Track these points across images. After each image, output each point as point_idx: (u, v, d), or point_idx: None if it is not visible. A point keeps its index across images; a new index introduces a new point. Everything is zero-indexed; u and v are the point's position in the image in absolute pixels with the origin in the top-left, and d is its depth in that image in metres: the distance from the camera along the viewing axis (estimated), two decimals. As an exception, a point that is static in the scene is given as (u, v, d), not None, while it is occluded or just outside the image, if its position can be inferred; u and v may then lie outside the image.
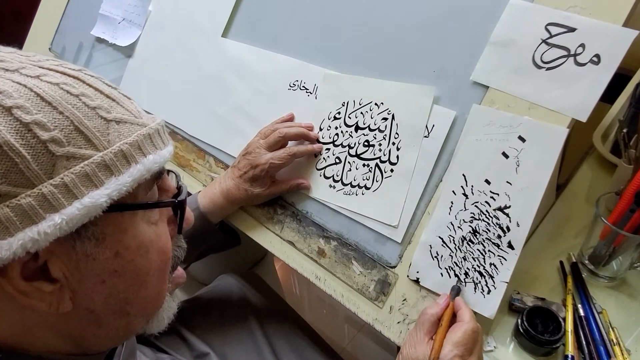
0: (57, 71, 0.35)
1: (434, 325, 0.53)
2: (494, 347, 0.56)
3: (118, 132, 0.35)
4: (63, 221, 0.31)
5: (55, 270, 0.33)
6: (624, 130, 0.63)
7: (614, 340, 0.55)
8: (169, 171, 0.46)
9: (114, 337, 0.41)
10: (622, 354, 0.53)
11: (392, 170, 0.64)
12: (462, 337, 0.50)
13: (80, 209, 0.32)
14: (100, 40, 1.00)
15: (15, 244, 0.30)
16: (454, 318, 0.54)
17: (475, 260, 0.57)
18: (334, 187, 0.68)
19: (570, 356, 0.54)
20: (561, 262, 0.65)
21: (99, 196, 0.33)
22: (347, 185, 0.68)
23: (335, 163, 0.69)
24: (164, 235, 0.41)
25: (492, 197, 0.57)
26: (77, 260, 0.34)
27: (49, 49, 1.10)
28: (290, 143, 0.71)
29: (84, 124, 0.33)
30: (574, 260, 0.64)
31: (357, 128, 0.68)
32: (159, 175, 0.40)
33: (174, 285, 0.47)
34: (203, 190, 0.74)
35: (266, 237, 0.73)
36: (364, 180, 0.66)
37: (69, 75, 0.35)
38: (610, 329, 0.56)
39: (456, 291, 0.56)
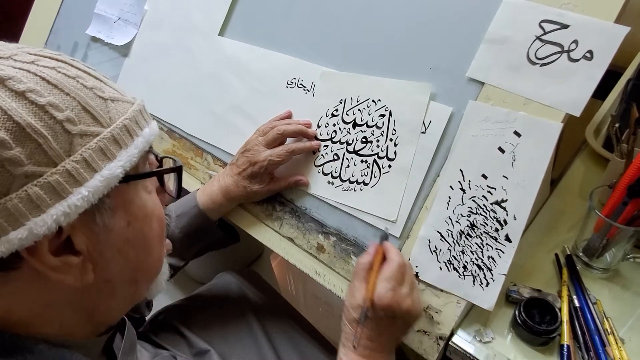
0: (44, 56, 0.37)
1: (368, 272, 0.56)
2: (492, 338, 0.58)
3: (116, 110, 0.38)
4: (90, 193, 0.34)
5: (80, 243, 0.36)
6: (616, 125, 0.64)
7: (608, 330, 0.56)
8: None
9: (122, 307, 0.44)
10: (617, 343, 0.55)
11: (389, 166, 0.65)
12: (391, 272, 0.54)
13: (102, 181, 0.35)
14: (95, 39, 1.00)
15: (49, 220, 0.32)
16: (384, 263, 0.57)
17: (473, 254, 0.58)
18: (333, 184, 0.69)
19: (566, 345, 0.55)
20: (556, 255, 0.66)
21: (115, 168, 0.36)
22: (345, 181, 0.68)
23: (334, 159, 0.70)
24: (158, 204, 0.44)
25: (489, 192, 0.58)
26: (98, 233, 0.37)
27: (44, 48, 1.09)
28: (288, 140, 0.72)
29: (88, 103, 0.36)
30: (569, 253, 0.66)
31: (355, 125, 0.68)
32: (150, 149, 0.43)
33: (165, 251, 0.50)
34: (202, 187, 0.74)
35: (265, 234, 0.73)
36: (362, 176, 0.67)
37: (56, 60, 0.37)
38: (605, 319, 0.57)
39: (383, 238, 0.60)
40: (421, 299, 0.56)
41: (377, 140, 0.66)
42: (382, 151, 0.66)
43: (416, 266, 0.61)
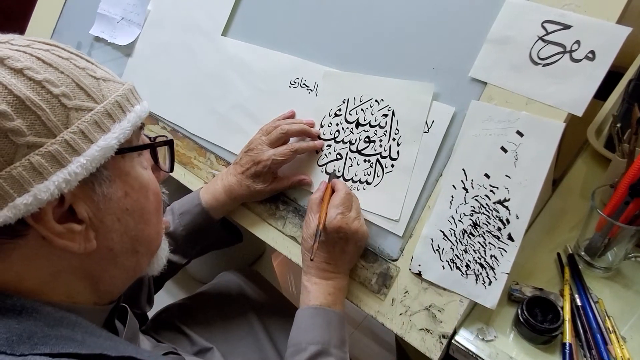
0: (38, 41, 0.40)
1: (319, 206, 0.63)
2: (495, 336, 0.58)
3: (107, 88, 0.41)
4: (88, 162, 0.37)
5: (82, 211, 0.39)
6: (618, 125, 0.65)
7: (610, 329, 0.56)
8: None
9: (125, 277, 0.46)
10: (618, 342, 0.55)
11: (392, 166, 0.65)
12: (340, 200, 0.62)
13: (98, 151, 0.38)
14: (98, 39, 1.01)
15: (52, 186, 0.35)
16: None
17: (476, 253, 0.58)
18: (336, 183, 0.69)
19: (568, 344, 0.55)
20: (558, 254, 0.66)
21: (110, 139, 0.39)
22: (348, 180, 0.69)
23: (337, 159, 0.70)
24: (154, 179, 0.47)
25: (491, 191, 0.58)
26: (98, 201, 0.40)
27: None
28: (291, 140, 0.72)
29: (81, 81, 0.39)
30: (571, 252, 0.66)
31: (358, 124, 0.69)
32: (142, 125, 0.46)
33: (164, 228, 0.53)
34: (205, 186, 0.75)
35: (268, 233, 0.74)
36: (365, 175, 0.68)
37: (49, 44, 0.40)
38: (607, 318, 0.58)
39: (332, 177, 0.68)
40: (365, 225, 0.64)
41: (380, 140, 0.67)
42: (385, 151, 0.66)
43: (419, 265, 0.61)
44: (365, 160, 0.68)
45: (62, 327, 0.37)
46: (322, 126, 0.72)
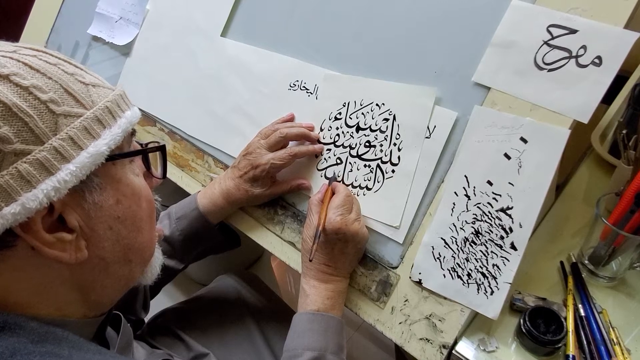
0: (25, 47, 0.39)
1: (319, 207, 0.63)
2: (496, 347, 0.57)
3: (97, 94, 0.40)
4: (77, 169, 0.36)
5: (72, 219, 0.37)
6: (624, 132, 0.63)
7: (614, 340, 0.55)
8: None
9: (117, 288, 0.45)
10: (623, 354, 0.54)
11: (393, 171, 0.64)
12: (340, 201, 0.61)
13: (88, 157, 0.37)
14: (96, 38, 0.99)
15: (41, 194, 0.34)
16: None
17: (478, 262, 0.57)
18: (335, 188, 0.68)
19: (571, 356, 0.54)
20: (562, 263, 0.65)
21: (100, 146, 0.38)
22: (348, 185, 0.67)
23: (337, 163, 0.69)
24: (146, 187, 0.46)
25: (494, 198, 0.57)
26: (88, 209, 0.39)
27: (44, 47, 1.08)
28: (291, 143, 0.71)
29: (70, 87, 0.38)
30: (574, 261, 0.65)
31: (358, 129, 0.68)
32: (134, 132, 0.45)
33: (158, 236, 0.52)
34: (202, 190, 0.74)
35: (267, 238, 0.73)
36: (365, 180, 0.66)
37: (37, 50, 0.39)
38: (611, 329, 0.56)
39: (332, 180, 0.68)
40: (365, 228, 0.63)
41: (381, 145, 0.65)
42: (385, 156, 0.65)
43: (419, 273, 0.60)
44: (365, 165, 0.67)
45: (48, 342, 0.36)
46: (321, 130, 0.71)
